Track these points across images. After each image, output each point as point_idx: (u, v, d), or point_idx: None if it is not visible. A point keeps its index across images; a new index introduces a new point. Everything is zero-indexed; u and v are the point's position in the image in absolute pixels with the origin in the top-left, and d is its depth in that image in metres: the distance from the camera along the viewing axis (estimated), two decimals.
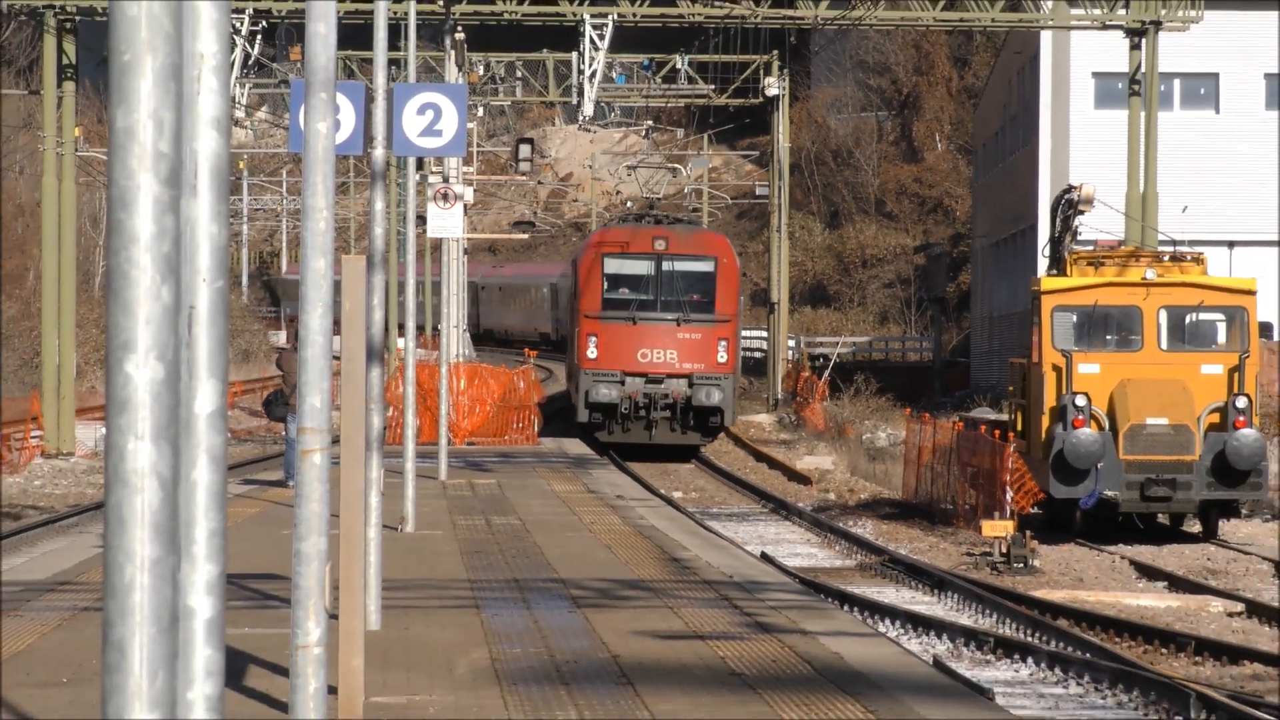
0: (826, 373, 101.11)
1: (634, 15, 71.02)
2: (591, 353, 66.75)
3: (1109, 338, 46.48)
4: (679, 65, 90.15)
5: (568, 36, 75.23)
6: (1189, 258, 49.58)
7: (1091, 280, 47.57)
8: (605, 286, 68.60)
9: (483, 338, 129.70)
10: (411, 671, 21.39)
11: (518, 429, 70.25)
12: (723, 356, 66.40)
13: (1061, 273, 48.82)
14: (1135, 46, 68.34)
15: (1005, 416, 53.19)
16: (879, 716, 19.10)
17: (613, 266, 69.60)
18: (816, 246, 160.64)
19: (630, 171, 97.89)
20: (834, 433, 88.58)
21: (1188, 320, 47.41)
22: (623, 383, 66.79)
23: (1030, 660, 31.03)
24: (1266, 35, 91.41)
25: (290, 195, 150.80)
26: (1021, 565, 41.91)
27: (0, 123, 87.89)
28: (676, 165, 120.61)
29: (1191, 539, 47.85)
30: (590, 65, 73.37)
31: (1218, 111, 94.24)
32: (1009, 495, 44.75)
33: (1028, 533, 43.27)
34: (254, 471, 52.15)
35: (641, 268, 69.41)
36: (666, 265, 67.94)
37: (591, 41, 72.17)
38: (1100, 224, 53.82)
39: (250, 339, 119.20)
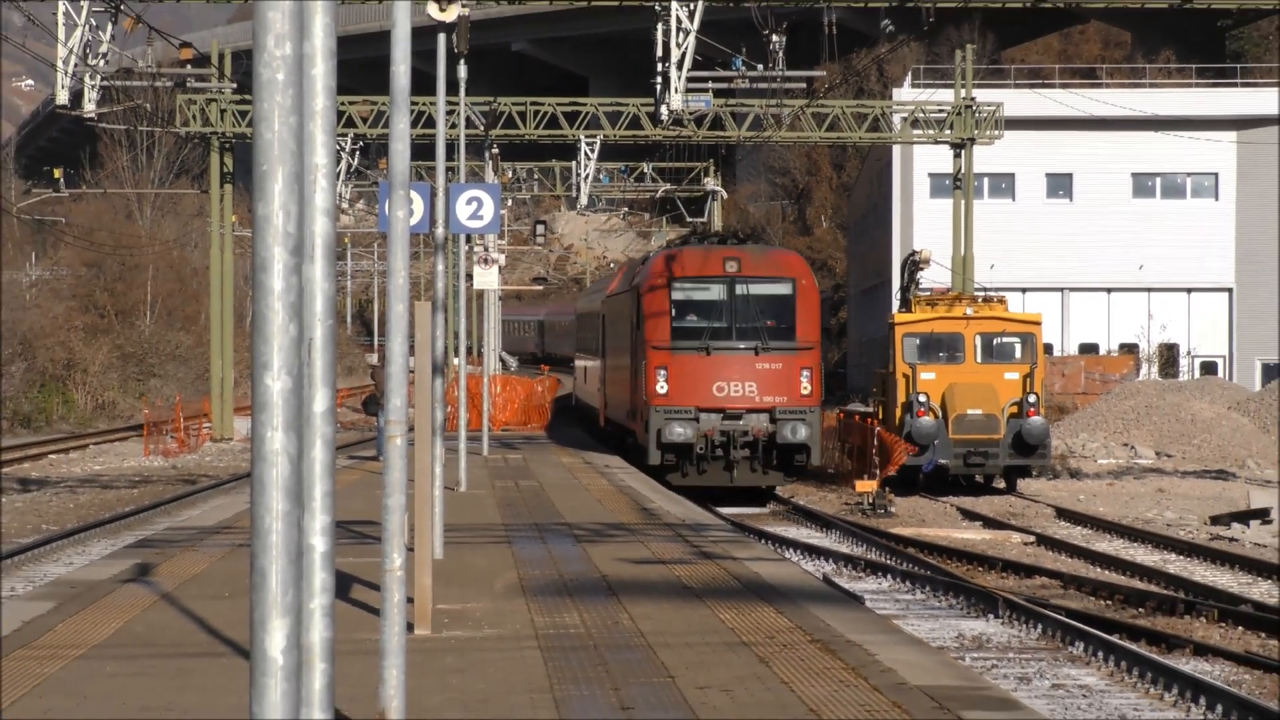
0: None
1: (615, 136, 70.73)
2: (661, 387, 45.99)
3: (941, 354, 46.73)
4: (645, 169, 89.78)
5: (569, 150, 74.88)
6: (994, 300, 50.12)
7: (929, 315, 48.24)
8: (674, 314, 47.22)
9: (546, 359, 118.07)
10: (464, 587, 21.33)
11: (534, 421, 69.47)
12: (806, 388, 45.60)
13: (908, 310, 49.42)
14: (957, 155, 68.17)
15: (872, 409, 53.13)
16: (786, 615, 19.04)
17: (681, 292, 47.96)
18: None
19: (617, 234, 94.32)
20: None
21: (994, 343, 47.80)
22: (697, 420, 45.44)
23: (889, 576, 30.92)
24: (1046, 148, 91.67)
25: (379, 260, 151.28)
26: (883, 511, 42.01)
27: (134, 200, 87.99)
28: (650, 230, 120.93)
29: (998, 492, 47.87)
30: (585, 170, 73.06)
31: (1014, 199, 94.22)
32: (878, 462, 44.94)
33: (887, 489, 43.66)
34: (355, 451, 51.95)
35: (713, 293, 47.80)
36: (740, 289, 46.71)
37: (585, 154, 71.88)
38: (935, 277, 54.45)
39: (352, 359, 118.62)
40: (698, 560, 24.40)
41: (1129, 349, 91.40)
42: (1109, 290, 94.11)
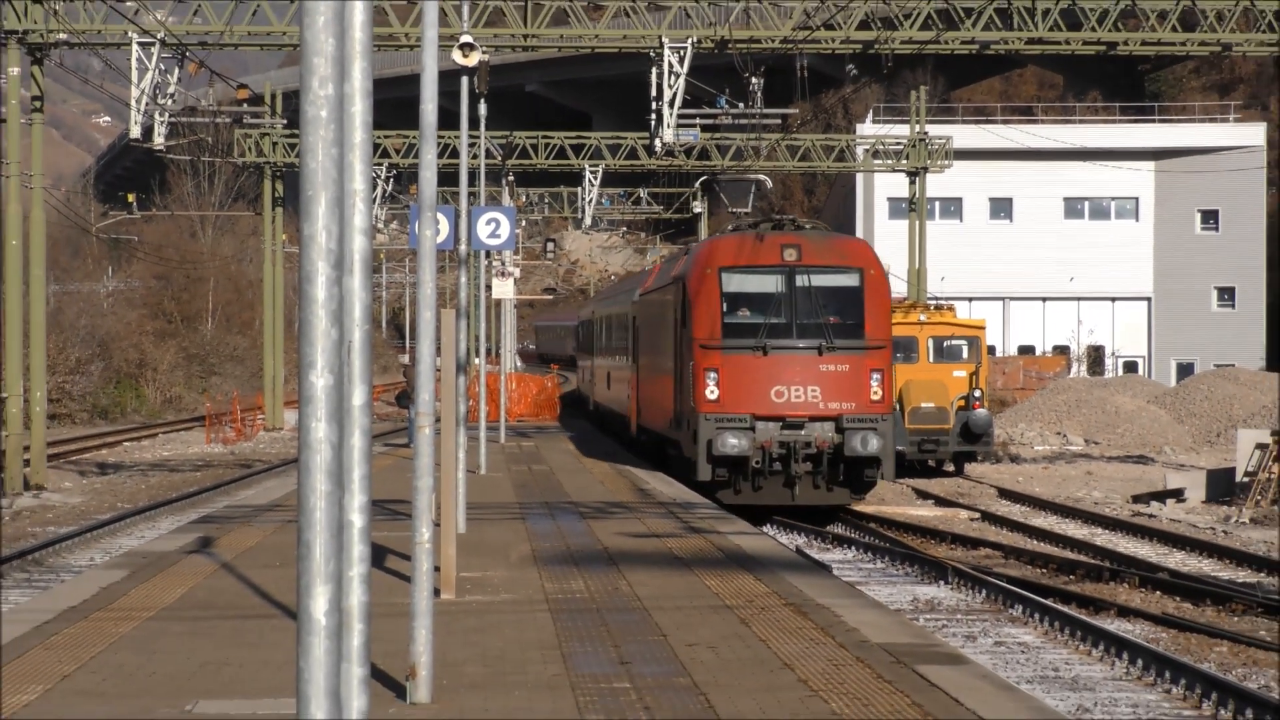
0: None
1: (615, 165, 70.65)
2: (712, 392, 35.86)
3: (898, 355, 46.44)
4: (642, 194, 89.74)
5: (575, 178, 74.81)
6: (945, 307, 50.06)
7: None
8: (725, 309, 36.81)
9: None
10: (484, 557, 21.32)
11: (546, 412, 69.46)
12: (877, 392, 35.91)
13: None
14: (912, 182, 68.06)
15: None
16: (763, 582, 19.04)
17: (734, 284, 37.38)
18: None
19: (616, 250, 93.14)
20: None
21: (944, 344, 47.70)
22: (753, 429, 35.34)
23: (853, 548, 30.94)
24: (990, 175, 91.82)
25: (410, 273, 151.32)
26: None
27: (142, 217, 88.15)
28: (645, 248, 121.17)
29: (948, 475, 47.78)
30: (588, 195, 73.03)
31: (961, 220, 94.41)
32: None
33: None
34: (389, 439, 51.93)
35: (770, 284, 37.37)
36: (801, 280, 36.78)
37: (589, 181, 71.84)
38: (893, 288, 54.19)
39: (386, 359, 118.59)
40: (687, 534, 24.41)
41: (1061, 350, 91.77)
42: (1044, 299, 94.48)
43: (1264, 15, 44.54)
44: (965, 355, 48.05)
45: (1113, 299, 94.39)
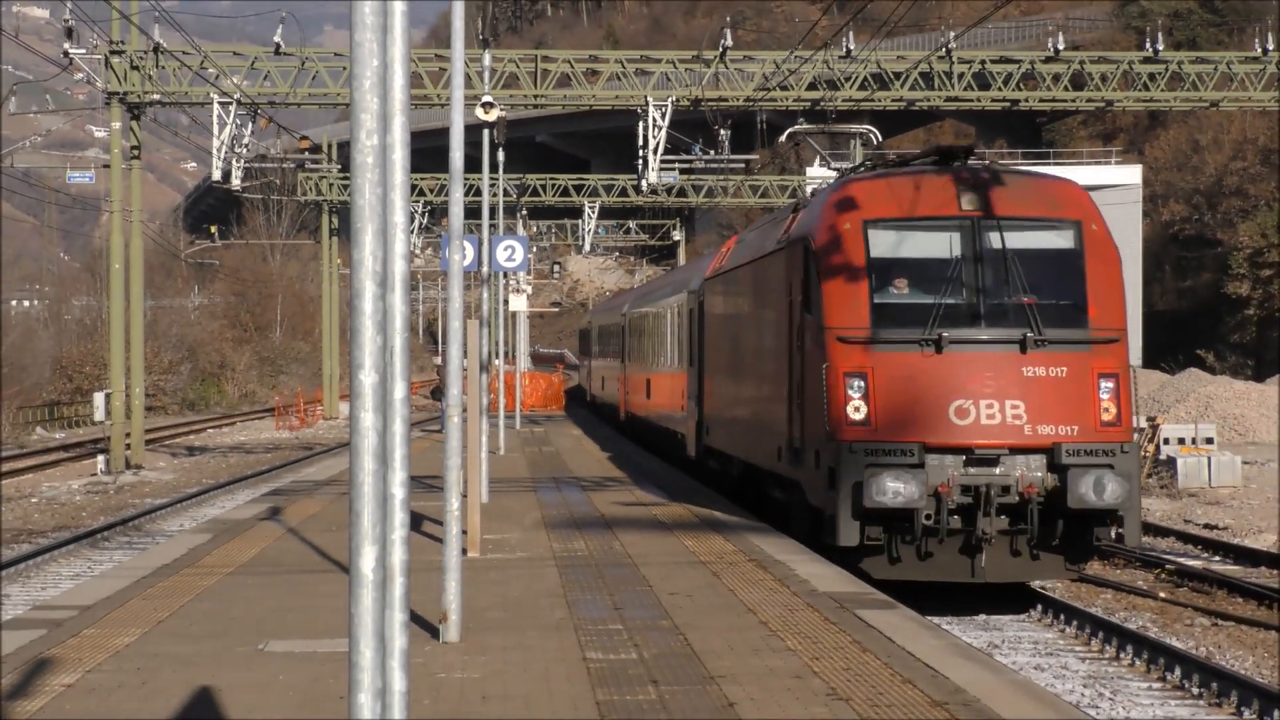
0: None
1: (609, 201, 70.66)
2: (857, 409, 16.71)
3: None
4: (631, 225, 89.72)
5: (576, 212, 74.85)
6: None
7: None
8: (875, 283, 17.04)
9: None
10: (503, 522, 21.33)
11: (554, 404, 69.45)
12: (1110, 409, 16.47)
13: None
14: None
15: None
16: (731, 543, 19.02)
17: (888, 245, 17.28)
18: None
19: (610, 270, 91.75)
20: None
21: None
22: (923, 466, 16.19)
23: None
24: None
25: (442, 290, 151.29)
26: None
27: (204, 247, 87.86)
28: (633, 269, 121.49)
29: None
30: (587, 225, 73.06)
31: None
32: None
33: None
34: (425, 426, 51.96)
35: (942, 245, 17.19)
36: (990, 238, 17.08)
37: (588, 214, 71.89)
38: None
39: (423, 361, 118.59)
40: (669, 503, 24.41)
41: None
42: None
43: (1140, 77, 45.01)
44: None
45: None
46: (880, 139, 28.24)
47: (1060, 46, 44.85)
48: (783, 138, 27.61)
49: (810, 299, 18.66)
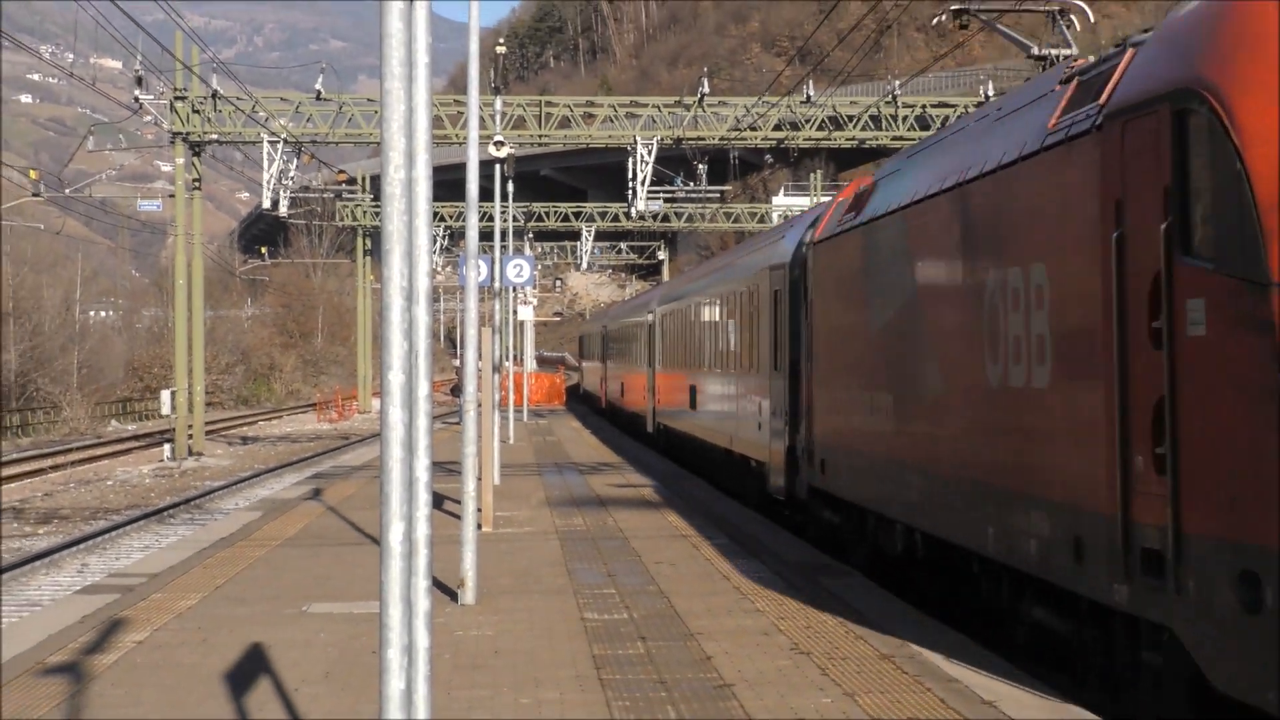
0: None
1: (603, 226, 70.64)
2: None
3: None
4: (622, 247, 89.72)
5: (575, 235, 74.81)
6: None
7: None
8: None
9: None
10: (513, 501, 21.30)
11: (556, 400, 69.29)
12: None
13: None
14: None
15: None
16: (708, 518, 19.03)
17: None
18: None
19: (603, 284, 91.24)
20: None
21: None
22: None
23: None
24: None
25: (459, 301, 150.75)
26: None
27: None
28: (624, 284, 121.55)
29: None
30: (585, 247, 73.04)
31: None
32: None
33: None
34: (445, 419, 51.89)
35: None
36: None
37: (585, 236, 71.88)
38: None
39: (443, 363, 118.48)
40: (656, 485, 24.40)
41: None
42: None
43: None
44: None
45: None
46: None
47: (990, 93, 44.87)
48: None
49: (1209, 225, 7.09)
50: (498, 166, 26.58)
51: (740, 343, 22.55)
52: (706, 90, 43.51)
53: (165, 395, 46.49)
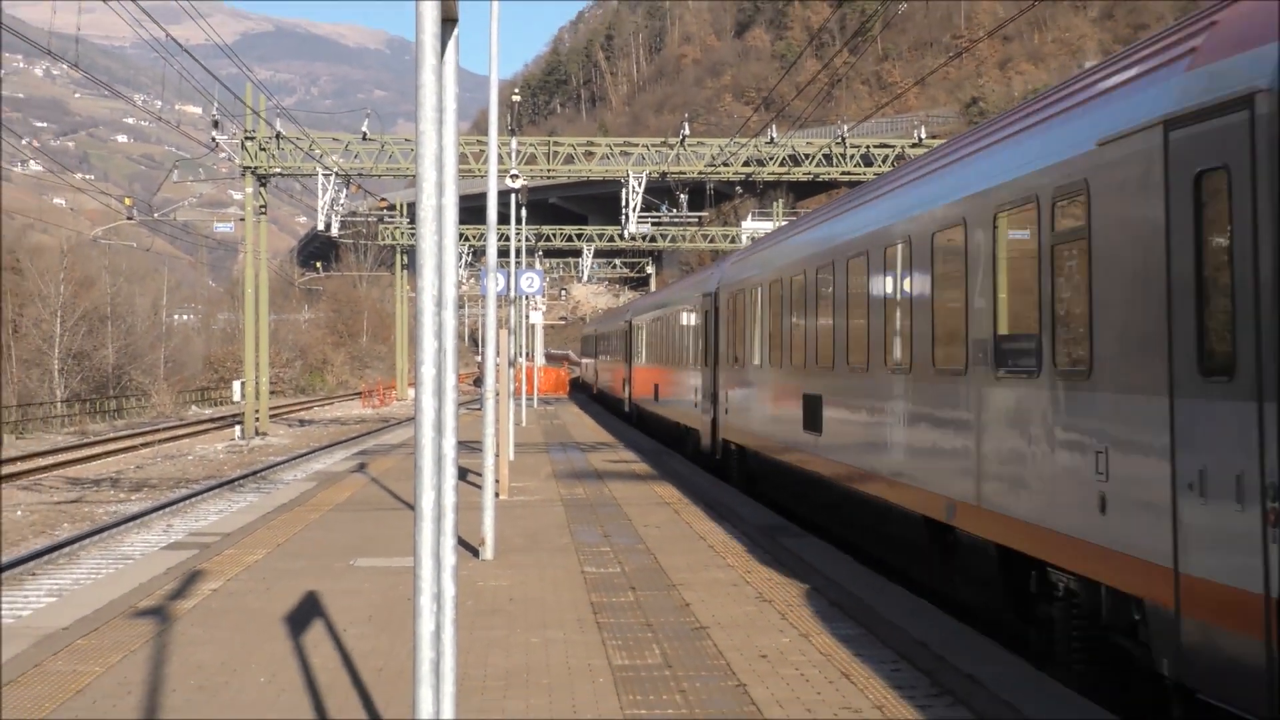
0: None
1: (601, 245, 70.57)
2: None
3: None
4: (616, 263, 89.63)
5: (577, 253, 74.73)
6: None
7: None
8: None
9: None
10: (525, 474, 21.27)
11: (560, 390, 69.08)
12: None
13: None
14: None
15: None
16: (683, 490, 19.02)
17: None
18: None
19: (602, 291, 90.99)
20: None
21: None
22: None
23: None
24: None
25: (481, 308, 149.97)
26: None
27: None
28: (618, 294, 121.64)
29: None
30: (586, 262, 72.94)
31: None
32: None
33: None
34: (469, 406, 51.80)
35: None
36: None
37: (586, 254, 71.78)
38: None
39: (467, 358, 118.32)
40: (645, 461, 24.36)
41: None
42: None
43: None
44: None
45: None
46: None
47: (923, 135, 44.92)
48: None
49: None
50: (513, 196, 26.54)
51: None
52: (687, 132, 43.55)
53: (236, 385, 46.46)
